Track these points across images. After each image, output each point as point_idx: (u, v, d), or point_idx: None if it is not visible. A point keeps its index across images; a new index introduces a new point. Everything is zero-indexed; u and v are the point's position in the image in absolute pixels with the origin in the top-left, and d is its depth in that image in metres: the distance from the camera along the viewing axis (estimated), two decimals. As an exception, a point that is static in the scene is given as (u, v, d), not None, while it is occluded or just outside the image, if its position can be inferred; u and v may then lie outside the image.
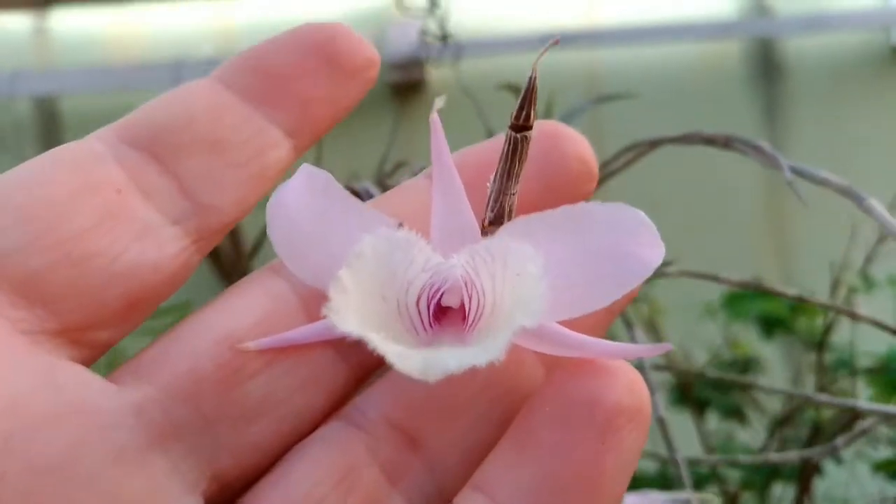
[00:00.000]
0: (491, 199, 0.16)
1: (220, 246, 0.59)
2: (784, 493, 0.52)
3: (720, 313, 0.53)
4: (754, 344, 0.57)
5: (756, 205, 0.84)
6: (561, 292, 0.15)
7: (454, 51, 0.34)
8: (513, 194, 0.16)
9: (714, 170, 0.78)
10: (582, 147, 0.17)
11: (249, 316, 0.16)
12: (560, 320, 0.15)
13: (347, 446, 0.15)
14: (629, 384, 0.14)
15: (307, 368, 0.16)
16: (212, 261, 0.56)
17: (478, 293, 0.15)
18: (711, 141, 0.24)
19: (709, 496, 0.22)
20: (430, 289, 0.15)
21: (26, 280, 0.14)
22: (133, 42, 0.85)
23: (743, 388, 0.49)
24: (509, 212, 0.16)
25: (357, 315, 0.14)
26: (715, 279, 0.31)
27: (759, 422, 0.55)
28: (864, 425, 0.33)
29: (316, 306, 0.15)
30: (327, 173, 0.16)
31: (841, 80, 0.87)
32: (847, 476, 0.53)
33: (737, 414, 0.56)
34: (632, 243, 0.15)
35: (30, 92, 0.82)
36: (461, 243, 0.15)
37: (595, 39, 0.83)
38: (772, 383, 0.56)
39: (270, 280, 0.16)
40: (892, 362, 0.42)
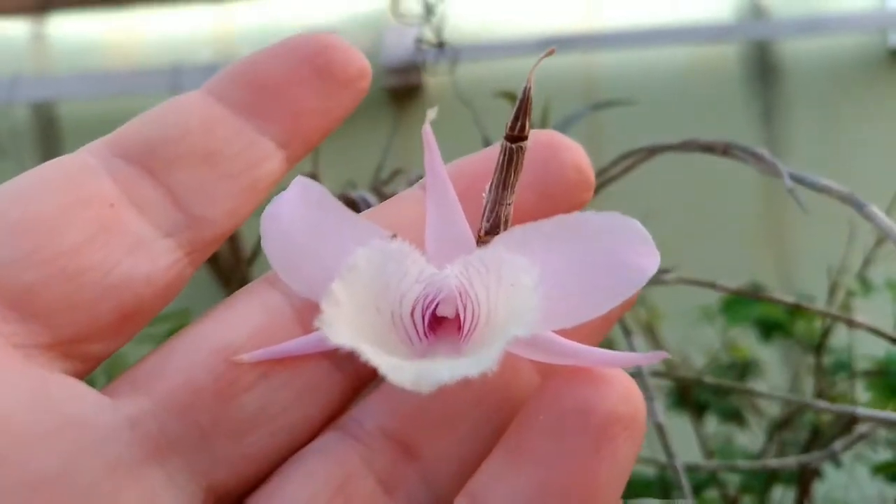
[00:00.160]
0: (487, 210, 0.16)
1: (220, 253, 0.59)
2: (784, 497, 0.52)
3: (718, 317, 0.53)
4: (753, 347, 0.57)
5: (754, 209, 0.84)
6: (556, 302, 0.15)
7: (450, 56, 0.34)
8: (508, 204, 0.16)
9: (712, 175, 0.78)
10: (578, 156, 0.17)
11: (244, 328, 0.16)
12: (555, 329, 0.15)
13: (343, 457, 0.15)
14: (624, 392, 0.14)
15: (303, 380, 0.16)
16: (211, 268, 0.56)
17: (472, 303, 0.15)
18: (710, 148, 0.24)
19: None
20: (425, 300, 0.15)
21: (20, 294, 0.14)
22: (131, 47, 0.85)
23: (742, 394, 0.49)
24: (505, 222, 0.16)
25: (350, 327, 0.14)
26: (712, 286, 0.31)
27: (758, 425, 0.55)
28: (863, 430, 0.33)
29: (311, 318, 0.15)
30: (321, 186, 0.16)
31: (838, 83, 0.87)
32: (846, 479, 0.53)
33: (736, 417, 0.56)
34: (627, 252, 0.15)
35: (28, 98, 0.82)
36: (456, 254, 0.15)
37: (592, 43, 0.83)
38: (770, 387, 0.56)
39: (266, 292, 0.16)
40: (891, 365, 0.42)
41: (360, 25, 0.81)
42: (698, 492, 0.49)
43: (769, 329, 0.52)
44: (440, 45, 0.32)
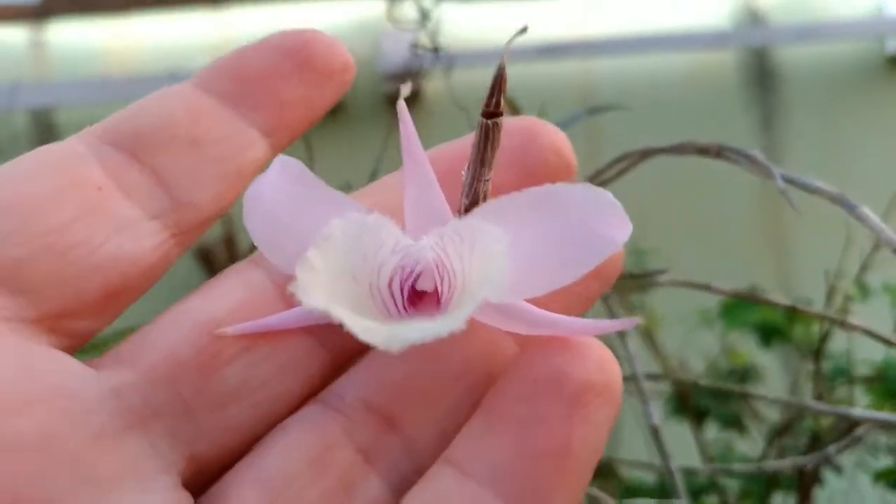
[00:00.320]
0: (465, 187, 0.16)
1: (215, 250, 0.59)
2: (784, 503, 0.51)
3: (717, 323, 0.52)
4: (752, 354, 0.57)
5: (752, 214, 0.84)
6: (529, 270, 0.15)
7: (446, 62, 0.34)
8: (486, 181, 0.16)
9: (709, 180, 0.78)
10: (558, 140, 0.17)
11: (227, 303, 0.16)
12: (529, 298, 0.15)
13: (323, 428, 0.15)
14: (599, 361, 0.15)
15: (285, 354, 0.16)
16: (206, 266, 0.56)
17: (449, 275, 0.15)
18: (704, 151, 0.24)
19: None
20: (402, 272, 0.15)
21: (6, 269, 0.15)
22: (129, 55, 0.85)
23: (740, 397, 0.49)
24: (484, 198, 0.16)
25: (325, 294, 0.14)
26: (707, 289, 0.31)
27: (759, 431, 0.55)
28: (859, 432, 0.33)
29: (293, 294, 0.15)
30: (301, 163, 0.16)
31: (836, 90, 0.87)
32: (847, 486, 0.53)
33: (736, 424, 0.56)
34: (598, 221, 0.15)
35: (27, 104, 0.82)
36: (433, 227, 0.16)
37: (589, 50, 0.83)
38: (770, 393, 0.56)
39: (249, 271, 0.17)
40: (889, 370, 0.42)
41: (358, 32, 0.82)
42: (697, 498, 0.49)
43: (768, 334, 0.52)
44: (436, 50, 0.32)
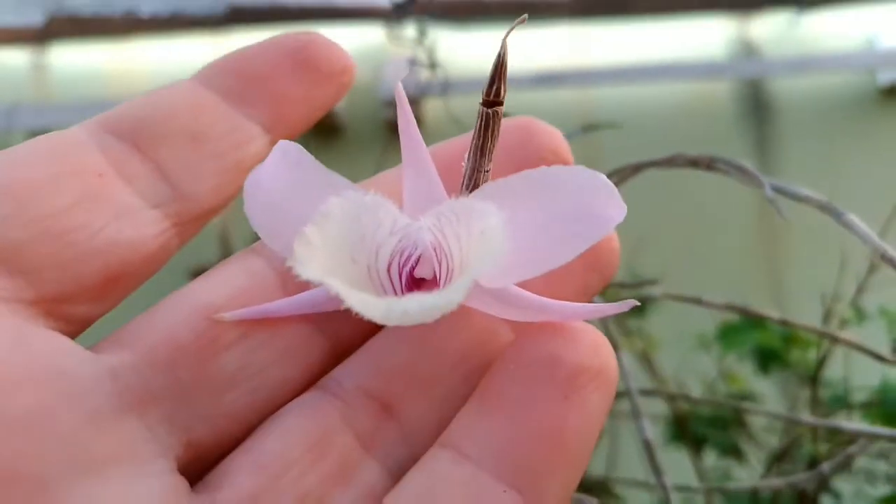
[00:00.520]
0: (465, 177, 0.16)
1: (217, 256, 0.59)
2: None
3: (714, 346, 0.52)
4: (750, 380, 0.57)
5: (747, 237, 0.84)
6: (525, 251, 0.15)
7: (444, 84, 0.35)
8: (486, 171, 0.16)
9: (705, 201, 0.78)
10: (555, 138, 0.18)
11: (226, 289, 0.16)
12: (526, 279, 0.15)
13: (322, 414, 0.15)
14: (593, 345, 0.15)
15: (284, 341, 0.16)
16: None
17: (447, 257, 0.15)
18: (695, 163, 0.25)
19: None
20: (401, 255, 0.15)
21: (5, 251, 0.15)
22: (130, 78, 0.86)
23: (737, 415, 0.49)
24: None
25: (323, 270, 0.14)
26: (698, 302, 0.31)
27: (757, 457, 0.55)
28: (853, 450, 0.33)
29: (293, 282, 0.15)
30: (300, 147, 0.16)
31: (829, 121, 0.88)
32: (846, 515, 0.53)
33: (734, 451, 0.55)
34: (593, 202, 0.15)
35: (26, 126, 0.82)
36: (430, 207, 0.16)
37: (586, 79, 0.84)
38: (768, 419, 0.55)
39: (249, 259, 0.17)
40: (886, 393, 0.42)
41: (359, 59, 0.82)
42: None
43: (766, 359, 0.52)
44: (433, 67, 0.33)
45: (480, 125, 0.16)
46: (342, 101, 0.20)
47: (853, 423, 0.32)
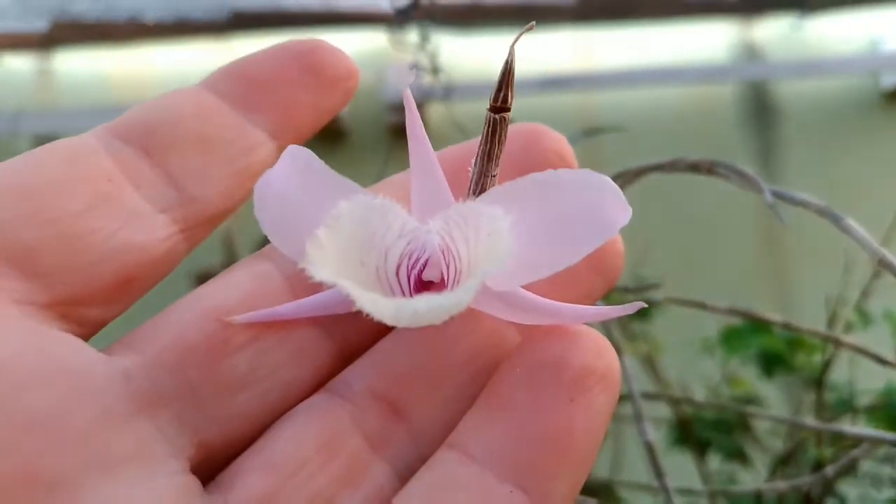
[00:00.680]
0: (473, 182, 0.16)
1: (215, 273, 0.59)
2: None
3: (718, 350, 0.52)
4: (754, 384, 0.57)
5: (752, 241, 0.84)
6: (531, 253, 0.15)
7: (449, 94, 0.35)
8: (493, 176, 0.16)
9: (710, 205, 0.78)
10: (560, 144, 0.18)
11: (236, 293, 0.16)
12: (531, 281, 0.15)
13: (331, 415, 0.15)
14: (597, 348, 0.15)
15: (293, 343, 0.16)
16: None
17: (455, 259, 0.15)
18: (695, 167, 0.25)
19: None
20: (409, 258, 0.15)
21: (19, 253, 0.15)
22: (135, 83, 0.87)
23: (741, 419, 0.49)
24: None
25: (334, 271, 0.14)
26: (703, 307, 0.31)
27: (761, 461, 0.54)
28: (856, 453, 0.33)
29: (301, 286, 0.15)
30: (310, 152, 0.16)
31: (833, 124, 0.88)
32: (851, 520, 0.52)
33: (739, 455, 0.55)
34: (599, 204, 0.15)
35: (31, 131, 0.83)
36: (438, 210, 0.16)
37: (589, 83, 0.84)
38: (771, 425, 0.55)
39: (259, 263, 0.17)
40: (891, 396, 0.42)
41: (363, 63, 0.82)
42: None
43: (770, 363, 0.52)
44: (436, 71, 0.33)
45: (488, 131, 0.16)
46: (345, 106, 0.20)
47: (858, 427, 0.32)
